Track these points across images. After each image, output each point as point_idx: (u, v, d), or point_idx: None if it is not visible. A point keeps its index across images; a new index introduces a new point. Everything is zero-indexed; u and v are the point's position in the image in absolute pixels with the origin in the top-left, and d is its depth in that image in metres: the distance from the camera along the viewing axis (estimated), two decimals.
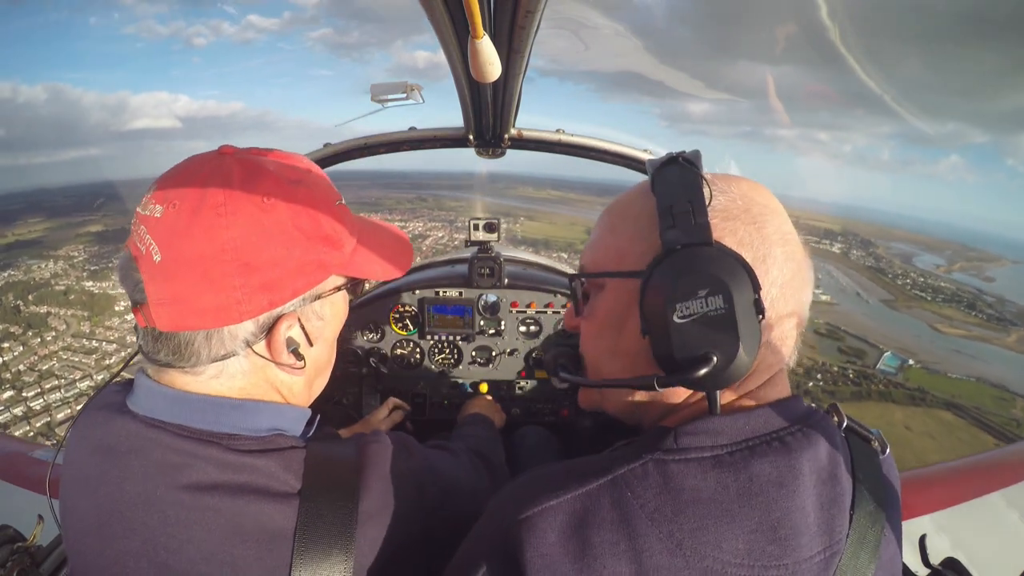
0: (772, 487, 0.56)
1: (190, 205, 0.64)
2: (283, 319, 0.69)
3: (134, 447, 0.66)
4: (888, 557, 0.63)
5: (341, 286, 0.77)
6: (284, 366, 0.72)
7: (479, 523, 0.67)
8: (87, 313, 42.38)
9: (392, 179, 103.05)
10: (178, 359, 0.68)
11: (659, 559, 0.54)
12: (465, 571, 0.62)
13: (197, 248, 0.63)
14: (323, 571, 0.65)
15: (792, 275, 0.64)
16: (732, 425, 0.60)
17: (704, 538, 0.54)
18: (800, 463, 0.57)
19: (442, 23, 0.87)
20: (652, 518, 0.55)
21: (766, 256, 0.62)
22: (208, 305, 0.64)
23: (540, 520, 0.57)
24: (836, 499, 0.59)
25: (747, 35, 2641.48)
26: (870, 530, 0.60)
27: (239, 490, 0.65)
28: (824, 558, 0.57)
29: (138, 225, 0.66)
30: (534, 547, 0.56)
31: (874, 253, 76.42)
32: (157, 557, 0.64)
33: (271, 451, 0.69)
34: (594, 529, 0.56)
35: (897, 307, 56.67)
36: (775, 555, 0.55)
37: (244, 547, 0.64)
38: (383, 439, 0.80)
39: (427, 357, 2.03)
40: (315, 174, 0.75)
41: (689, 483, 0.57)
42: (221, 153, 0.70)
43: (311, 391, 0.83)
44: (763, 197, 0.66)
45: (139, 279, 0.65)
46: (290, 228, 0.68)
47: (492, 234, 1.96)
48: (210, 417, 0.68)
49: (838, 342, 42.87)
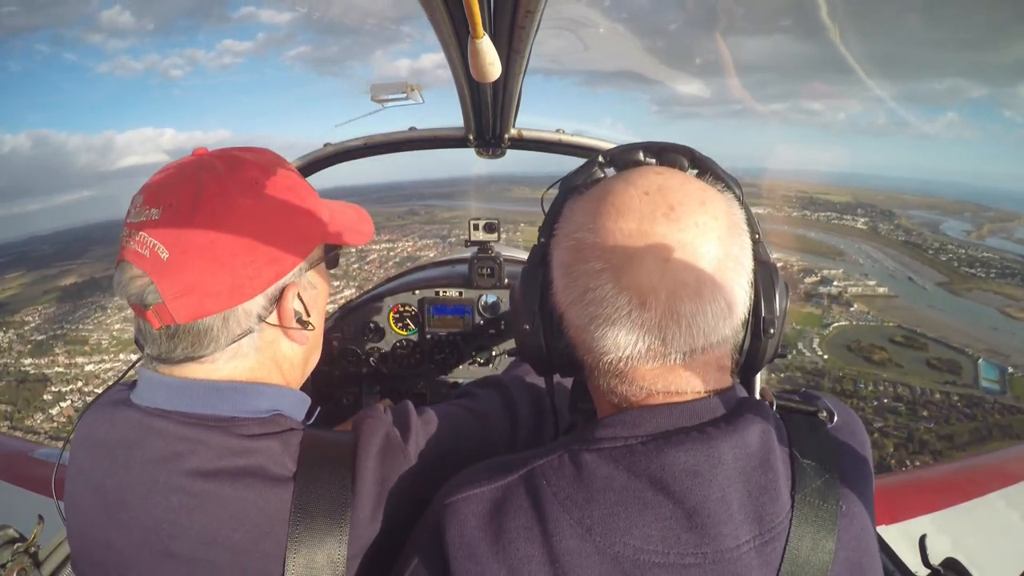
0: (686, 476, 0.56)
1: (187, 200, 0.68)
2: (288, 288, 0.74)
3: (137, 437, 0.68)
4: (854, 533, 0.61)
5: (323, 257, 0.82)
6: (292, 334, 0.76)
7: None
8: (8, 408, 38.13)
9: (381, 192, 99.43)
10: (197, 349, 0.70)
11: (569, 543, 0.57)
12: (406, 554, 0.67)
13: (203, 235, 0.67)
14: (317, 550, 0.66)
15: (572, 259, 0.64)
16: (652, 417, 0.61)
17: (614, 524, 0.57)
18: (720, 452, 0.57)
19: (442, 23, 0.87)
20: (564, 505, 0.58)
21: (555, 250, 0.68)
22: (223, 286, 0.68)
23: (463, 505, 0.62)
24: (767, 486, 0.58)
25: (734, 5, 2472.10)
26: (820, 507, 0.59)
27: (239, 474, 0.67)
28: (755, 546, 0.56)
29: (133, 233, 0.68)
30: (455, 530, 0.61)
31: (900, 225, 74.06)
32: (160, 544, 0.66)
33: (271, 434, 0.71)
34: (510, 515, 0.60)
35: (957, 291, 54.15)
36: (692, 543, 0.55)
37: (244, 531, 0.66)
38: (377, 414, 0.81)
39: (427, 357, 2.03)
40: (277, 158, 0.82)
41: (601, 472, 0.59)
42: (197, 155, 0.75)
43: (307, 366, 0.86)
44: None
45: (146, 283, 0.66)
46: (279, 205, 0.73)
47: (492, 234, 1.96)
48: (212, 401, 0.71)
49: (922, 352, 39.98)
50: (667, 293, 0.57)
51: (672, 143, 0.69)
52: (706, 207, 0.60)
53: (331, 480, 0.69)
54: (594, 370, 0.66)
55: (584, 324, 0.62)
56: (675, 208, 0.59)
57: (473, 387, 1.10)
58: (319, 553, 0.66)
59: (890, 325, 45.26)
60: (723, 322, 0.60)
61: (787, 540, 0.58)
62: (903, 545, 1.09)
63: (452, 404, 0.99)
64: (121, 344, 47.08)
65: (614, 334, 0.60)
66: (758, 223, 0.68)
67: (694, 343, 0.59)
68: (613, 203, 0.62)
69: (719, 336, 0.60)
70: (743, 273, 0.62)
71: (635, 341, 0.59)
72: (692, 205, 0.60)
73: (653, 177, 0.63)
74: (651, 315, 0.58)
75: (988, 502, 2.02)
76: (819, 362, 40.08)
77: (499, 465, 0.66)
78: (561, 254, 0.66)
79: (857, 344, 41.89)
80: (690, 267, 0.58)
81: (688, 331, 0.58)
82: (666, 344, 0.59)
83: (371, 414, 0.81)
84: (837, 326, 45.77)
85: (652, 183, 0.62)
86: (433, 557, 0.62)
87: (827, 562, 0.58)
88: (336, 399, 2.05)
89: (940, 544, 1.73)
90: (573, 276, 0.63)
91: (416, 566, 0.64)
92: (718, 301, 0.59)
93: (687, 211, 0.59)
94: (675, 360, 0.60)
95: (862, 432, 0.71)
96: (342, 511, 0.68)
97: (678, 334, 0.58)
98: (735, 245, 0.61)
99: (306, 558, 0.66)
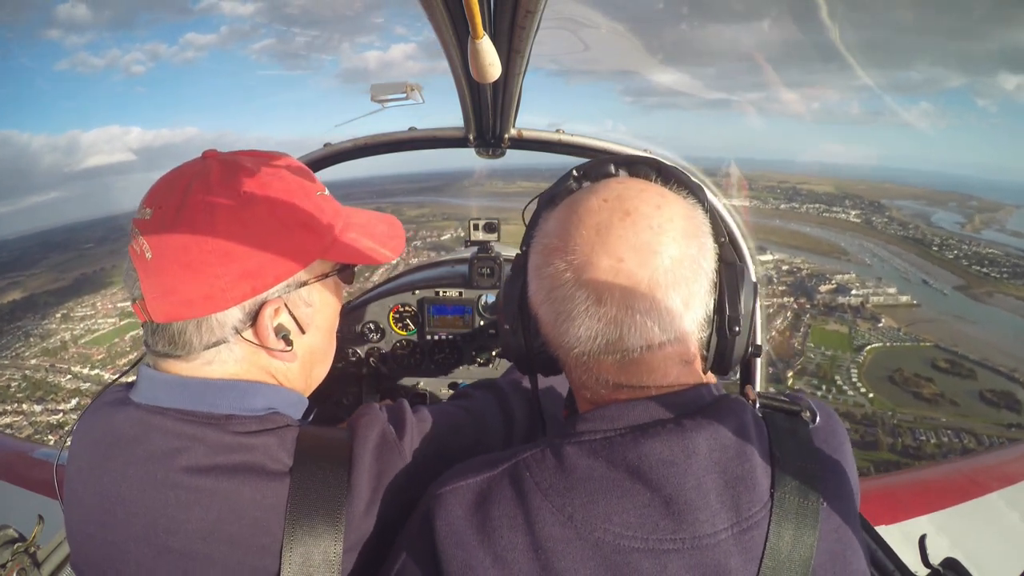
0: (662, 465, 0.59)
1: (174, 204, 0.69)
2: (267, 305, 0.72)
3: (137, 434, 0.69)
4: (835, 526, 0.63)
5: (328, 273, 0.80)
6: (274, 352, 0.75)
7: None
8: None
9: (345, 188, 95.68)
10: (174, 348, 0.71)
11: (551, 530, 0.60)
12: (398, 544, 0.70)
13: (180, 242, 0.68)
14: (313, 545, 0.67)
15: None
16: (630, 411, 0.64)
17: (594, 511, 0.59)
18: (695, 443, 0.60)
19: (442, 23, 0.87)
20: (546, 494, 0.62)
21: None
22: (195, 295, 0.68)
23: (451, 496, 0.65)
24: (744, 476, 0.60)
25: None
26: (801, 503, 0.61)
27: (235, 470, 0.67)
28: (733, 534, 0.59)
29: (134, 229, 0.71)
30: (443, 519, 0.64)
31: (893, 218, 72.43)
32: (157, 539, 0.66)
33: (267, 431, 0.72)
34: (495, 505, 0.63)
35: (976, 295, 52.59)
36: (670, 529, 0.58)
37: (240, 525, 0.66)
38: (373, 411, 0.81)
39: (427, 357, 2.03)
40: (293, 167, 0.80)
41: (582, 463, 0.62)
42: (204, 157, 0.76)
43: (309, 379, 0.85)
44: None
45: (136, 277, 0.70)
46: (267, 218, 0.72)
47: (492, 234, 1.96)
48: (209, 399, 0.71)
49: (971, 381, 37.07)
50: (621, 290, 0.62)
51: (640, 155, 0.74)
52: (662, 211, 0.65)
53: (327, 475, 0.70)
54: (566, 365, 0.71)
55: (552, 320, 0.67)
56: (631, 213, 0.64)
57: (469, 389, 1.11)
58: (315, 547, 0.67)
59: (927, 345, 43.27)
60: (680, 318, 0.64)
61: (767, 534, 0.59)
62: (903, 545, 1.09)
63: (448, 404, 1.00)
64: (32, 386, 42.94)
65: (575, 329, 0.64)
66: (744, 219, 0.71)
67: (651, 337, 0.63)
68: (577, 211, 0.67)
69: (677, 331, 0.64)
70: (701, 272, 0.65)
71: (594, 335, 0.64)
72: (647, 209, 0.65)
73: (615, 186, 0.69)
74: (607, 310, 0.62)
75: (988, 502, 2.03)
76: (864, 403, 37.01)
77: (486, 460, 0.70)
78: (535, 259, 0.71)
79: (900, 374, 39.68)
80: (644, 265, 0.62)
81: (644, 325, 0.62)
82: (623, 338, 0.63)
83: (367, 411, 0.81)
84: (871, 349, 43.61)
85: (612, 191, 0.68)
86: (423, 546, 0.65)
87: (809, 556, 0.60)
88: (336, 399, 2.05)
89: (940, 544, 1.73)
90: (542, 277, 0.68)
91: (408, 555, 0.67)
92: (673, 298, 0.63)
93: (642, 215, 0.64)
94: (634, 353, 0.64)
95: (843, 433, 0.74)
96: (338, 506, 0.69)
97: (633, 328, 0.62)
98: (692, 246, 0.65)
99: (302, 552, 0.66)
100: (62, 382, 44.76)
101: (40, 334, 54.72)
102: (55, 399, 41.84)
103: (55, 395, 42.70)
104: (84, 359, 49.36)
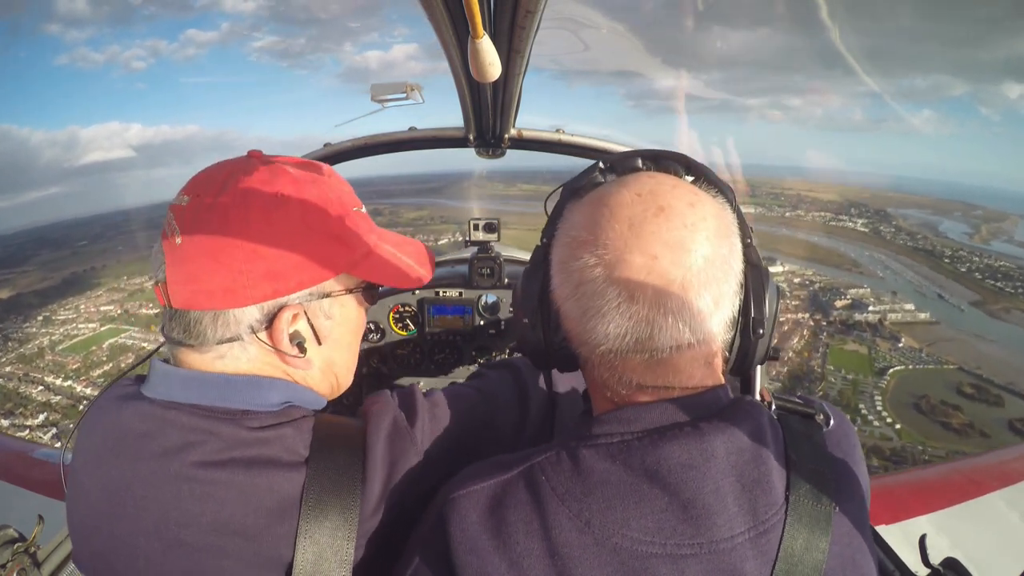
0: (681, 469, 0.58)
1: (211, 195, 0.70)
2: (286, 309, 0.72)
3: (149, 429, 0.69)
4: (847, 531, 0.63)
5: (352, 289, 0.80)
6: (286, 357, 0.75)
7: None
8: None
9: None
10: (188, 336, 0.71)
11: (568, 536, 0.58)
12: (410, 547, 0.69)
13: (211, 233, 0.68)
14: (328, 533, 0.67)
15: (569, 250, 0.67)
16: (647, 414, 0.63)
17: (612, 516, 0.58)
18: (713, 447, 0.59)
19: (442, 23, 0.87)
20: (563, 499, 0.60)
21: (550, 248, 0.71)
22: (216, 286, 0.68)
23: (465, 500, 0.64)
24: (760, 479, 0.60)
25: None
26: (814, 507, 0.61)
27: (251, 463, 0.67)
28: (749, 538, 0.58)
29: (169, 214, 0.72)
30: (457, 524, 0.63)
31: (900, 228, 70.69)
32: (168, 533, 0.66)
33: (284, 424, 0.72)
34: (510, 509, 0.62)
35: (993, 312, 50.87)
36: (688, 534, 0.57)
37: (255, 517, 0.66)
38: (385, 397, 0.82)
39: (427, 357, 2.03)
40: (334, 179, 0.80)
41: (599, 466, 0.61)
42: (249, 156, 0.77)
43: (334, 387, 0.87)
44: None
45: (163, 260, 0.71)
46: (299, 223, 0.72)
47: (492, 234, 1.96)
48: (225, 394, 0.71)
49: (998, 409, 34.36)
50: (654, 288, 0.60)
51: (668, 151, 0.72)
52: (695, 208, 0.63)
53: (343, 463, 0.70)
54: (588, 362, 0.69)
55: (578, 316, 0.65)
56: (665, 209, 0.62)
57: (485, 368, 1.10)
58: (329, 535, 0.67)
59: (950, 368, 41.33)
60: (709, 319, 0.62)
61: (782, 537, 0.59)
62: (903, 545, 1.09)
63: (461, 385, 1.00)
64: (3, 397, 41.90)
65: (604, 326, 0.62)
66: (750, 226, 0.70)
67: (680, 338, 0.61)
68: (608, 205, 0.65)
69: (705, 332, 0.62)
70: (731, 273, 0.64)
71: (624, 333, 0.61)
72: (681, 206, 0.63)
73: (646, 181, 0.67)
74: (639, 308, 0.60)
75: (988, 502, 2.02)
76: (892, 436, 34.71)
77: (500, 462, 0.68)
78: (559, 252, 0.68)
79: (926, 402, 37.32)
80: (678, 264, 0.60)
81: (675, 325, 0.61)
82: (654, 337, 0.61)
83: (378, 399, 0.82)
84: (894, 372, 41.53)
85: (645, 186, 0.65)
86: (437, 551, 0.64)
87: (821, 560, 0.59)
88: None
89: (940, 544, 1.73)
90: (569, 272, 0.66)
91: (421, 559, 0.66)
92: (704, 298, 0.61)
93: (676, 212, 0.62)
94: (663, 354, 0.62)
95: (855, 437, 0.74)
96: (353, 494, 0.69)
97: (664, 328, 0.61)
98: (723, 246, 0.64)
99: (316, 540, 0.66)
100: (33, 393, 43.78)
101: (19, 338, 53.82)
102: (23, 413, 41.12)
103: (24, 408, 41.87)
104: (59, 368, 48.23)
